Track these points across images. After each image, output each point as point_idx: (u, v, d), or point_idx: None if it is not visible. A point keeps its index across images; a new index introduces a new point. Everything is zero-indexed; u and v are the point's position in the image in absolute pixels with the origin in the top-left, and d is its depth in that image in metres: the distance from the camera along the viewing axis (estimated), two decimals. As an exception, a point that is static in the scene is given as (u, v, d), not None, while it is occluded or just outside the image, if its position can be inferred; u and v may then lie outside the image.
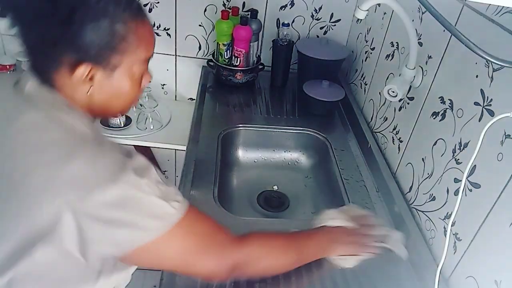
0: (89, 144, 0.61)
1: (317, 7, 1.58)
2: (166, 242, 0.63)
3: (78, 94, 0.65)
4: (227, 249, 0.71)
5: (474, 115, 0.80)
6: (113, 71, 0.65)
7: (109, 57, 0.64)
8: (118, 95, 0.69)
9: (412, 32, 0.96)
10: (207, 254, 0.69)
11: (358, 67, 1.51)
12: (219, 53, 1.51)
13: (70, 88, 0.64)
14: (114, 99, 0.70)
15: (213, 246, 0.70)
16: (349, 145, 1.29)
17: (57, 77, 0.64)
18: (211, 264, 0.70)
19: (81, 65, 0.62)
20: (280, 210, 1.18)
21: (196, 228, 0.68)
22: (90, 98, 0.67)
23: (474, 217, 0.75)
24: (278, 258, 0.79)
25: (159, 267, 0.71)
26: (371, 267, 0.87)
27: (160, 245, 0.63)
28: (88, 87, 0.65)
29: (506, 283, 0.67)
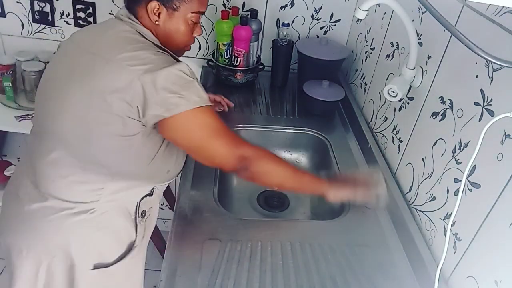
0: (156, 47, 0.91)
1: (317, 7, 1.58)
2: (197, 115, 0.85)
3: (149, 23, 0.92)
4: (238, 143, 0.90)
5: (474, 115, 0.80)
6: (173, 12, 0.92)
7: (173, 1, 0.90)
8: (175, 32, 0.95)
9: (412, 32, 0.96)
10: (221, 139, 0.88)
11: (358, 67, 1.51)
12: (219, 53, 1.51)
13: (145, 18, 0.92)
14: (173, 35, 0.95)
15: (227, 136, 0.89)
16: (349, 145, 1.29)
17: (139, 9, 0.92)
18: (223, 150, 0.88)
19: (153, 2, 0.89)
20: (280, 210, 1.18)
21: (218, 120, 0.88)
22: (156, 28, 0.93)
23: (474, 217, 0.75)
24: (279, 166, 0.94)
25: (183, 139, 0.89)
26: (371, 266, 0.88)
27: (192, 117, 0.84)
28: (156, 19, 0.91)
29: (506, 283, 0.67)
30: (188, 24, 0.95)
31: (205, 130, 0.87)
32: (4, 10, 1.57)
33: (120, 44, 0.87)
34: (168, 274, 0.81)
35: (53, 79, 0.91)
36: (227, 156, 0.89)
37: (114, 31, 0.90)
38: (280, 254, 0.88)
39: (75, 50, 0.91)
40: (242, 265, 0.85)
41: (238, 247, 0.89)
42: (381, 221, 1.01)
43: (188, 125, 0.85)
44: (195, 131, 0.87)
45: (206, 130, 0.87)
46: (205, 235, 0.91)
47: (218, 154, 0.89)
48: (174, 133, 0.87)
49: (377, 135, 1.26)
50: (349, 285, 0.83)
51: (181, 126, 0.85)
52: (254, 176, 0.92)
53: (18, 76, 1.61)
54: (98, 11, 1.57)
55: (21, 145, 1.91)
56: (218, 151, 0.89)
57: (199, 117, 0.85)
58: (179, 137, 0.88)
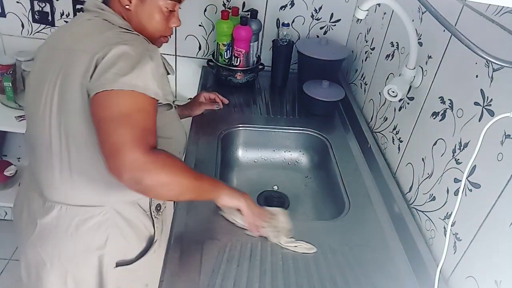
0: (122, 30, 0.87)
1: (317, 7, 1.58)
2: (120, 96, 0.76)
3: (120, 9, 0.90)
4: (142, 146, 0.74)
5: (474, 115, 0.80)
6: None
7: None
8: (148, 20, 0.91)
9: (412, 32, 0.96)
10: (132, 130, 0.75)
11: (358, 67, 1.51)
12: (219, 53, 1.51)
13: (116, 3, 0.90)
14: (145, 23, 0.92)
15: (137, 134, 0.75)
16: (349, 145, 1.29)
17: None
18: (125, 144, 0.73)
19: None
20: (280, 210, 1.18)
21: (143, 114, 0.78)
22: (128, 14, 0.90)
23: (474, 217, 0.75)
24: (177, 175, 0.79)
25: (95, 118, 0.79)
26: (371, 266, 0.88)
27: (114, 96, 0.76)
28: (127, 3, 0.89)
29: (506, 283, 0.67)
30: (162, 12, 0.92)
31: (119, 113, 0.75)
32: (4, 10, 1.57)
33: (84, 34, 0.85)
34: (168, 274, 0.81)
35: (32, 87, 0.89)
36: (124, 151, 0.73)
37: (79, 23, 0.89)
38: (280, 254, 0.88)
39: (47, 51, 0.89)
40: (242, 265, 0.85)
41: (238, 247, 0.89)
42: (381, 221, 1.01)
43: (109, 101, 0.76)
44: (111, 108, 0.76)
45: (121, 114, 0.75)
46: (205, 235, 0.91)
47: (115, 145, 0.73)
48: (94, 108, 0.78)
49: (377, 135, 1.26)
50: (349, 285, 0.83)
51: (103, 102, 0.77)
52: (149, 186, 0.75)
53: (18, 76, 1.61)
54: (98, 11, 1.57)
55: (21, 145, 1.91)
56: (118, 142, 0.73)
57: (125, 99, 0.76)
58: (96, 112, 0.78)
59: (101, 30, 0.85)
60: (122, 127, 0.74)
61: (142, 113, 0.78)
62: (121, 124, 0.74)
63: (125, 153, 0.73)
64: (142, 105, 0.78)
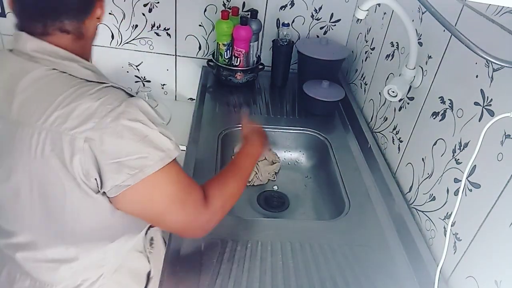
0: (93, 84, 0.67)
1: (317, 7, 1.58)
2: (162, 178, 0.68)
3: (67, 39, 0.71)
4: (198, 209, 0.74)
5: (474, 115, 0.80)
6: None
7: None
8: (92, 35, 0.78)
9: (412, 32, 0.96)
10: (184, 206, 0.72)
11: (358, 67, 1.51)
12: (219, 53, 1.51)
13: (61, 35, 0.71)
14: (90, 41, 0.78)
15: (189, 202, 0.73)
16: (349, 145, 1.29)
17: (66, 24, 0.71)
18: (185, 220, 0.74)
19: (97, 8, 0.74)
20: (280, 210, 1.18)
21: (182, 176, 0.73)
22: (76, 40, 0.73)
23: (474, 217, 0.75)
24: (234, 195, 0.84)
25: (144, 210, 0.71)
26: (371, 266, 0.88)
27: (157, 180, 0.67)
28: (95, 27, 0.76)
29: (506, 283, 0.67)
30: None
31: (168, 195, 0.70)
32: (4, 10, 1.56)
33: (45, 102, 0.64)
34: (168, 274, 0.81)
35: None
36: (188, 226, 0.75)
37: (29, 83, 0.66)
38: (280, 254, 0.88)
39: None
40: (242, 265, 0.85)
41: (238, 247, 0.89)
42: (381, 221, 1.01)
43: (145, 192, 0.68)
44: (152, 197, 0.69)
45: (170, 196, 0.70)
46: (205, 235, 0.91)
47: (179, 224, 0.74)
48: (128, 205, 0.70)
49: (377, 135, 1.26)
50: (349, 285, 0.83)
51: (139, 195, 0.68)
52: (220, 217, 0.80)
53: (18, 76, 1.61)
54: (98, 11, 1.57)
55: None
56: (179, 221, 0.74)
57: (164, 180, 0.69)
58: (136, 208, 0.71)
59: (69, 95, 0.64)
60: (177, 208, 0.72)
61: (180, 179, 0.72)
62: (173, 206, 0.71)
63: (194, 225, 0.75)
64: (175, 172, 0.71)
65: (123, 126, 0.63)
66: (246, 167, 0.92)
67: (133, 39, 1.63)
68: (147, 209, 0.71)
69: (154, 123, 0.67)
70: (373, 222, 1.00)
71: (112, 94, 0.66)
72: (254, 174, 1.25)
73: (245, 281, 0.81)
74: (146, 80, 1.74)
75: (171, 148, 0.69)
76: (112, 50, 1.66)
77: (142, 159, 0.65)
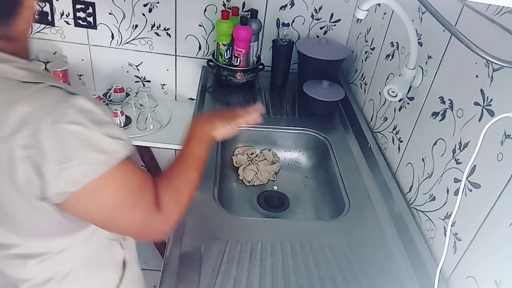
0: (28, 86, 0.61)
1: (317, 7, 1.58)
2: (107, 182, 0.63)
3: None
4: (149, 214, 0.70)
5: (474, 115, 0.80)
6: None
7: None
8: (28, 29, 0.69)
9: (412, 32, 0.96)
10: (133, 212, 0.68)
11: (358, 67, 1.51)
12: (219, 53, 1.51)
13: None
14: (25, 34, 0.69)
15: (138, 207, 0.69)
16: (349, 145, 1.29)
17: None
18: (135, 225, 0.70)
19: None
20: (280, 210, 1.18)
21: (133, 177, 0.68)
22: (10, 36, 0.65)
23: (474, 217, 0.75)
24: (188, 188, 0.78)
25: (91, 215, 0.68)
26: (371, 266, 0.88)
27: (101, 185, 0.63)
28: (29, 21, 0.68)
29: (506, 283, 0.67)
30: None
31: (118, 198, 0.66)
32: (4, 10, 1.56)
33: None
34: (168, 274, 0.81)
35: None
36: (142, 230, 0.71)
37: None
38: (280, 254, 0.88)
39: None
40: (242, 265, 0.85)
41: (238, 247, 0.89)
42: (381, 221, 1.01)
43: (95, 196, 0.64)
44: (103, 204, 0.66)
45: (120, 199, 0.66)
46: (205, 235, 0.91)
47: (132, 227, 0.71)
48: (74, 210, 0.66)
49: (377, 135, 1.26)
50: (349, 285, 0.83)
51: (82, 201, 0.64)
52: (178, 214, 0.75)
53: (18, 76, 1.61)
54: (98, 11, 1.57)
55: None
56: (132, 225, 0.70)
57: (111, 183, 0.65)
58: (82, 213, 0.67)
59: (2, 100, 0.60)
60: (125, 215, 0.68)
61: (128, 183, 0.67)
62: (120, 212, 0.67)
63: (147, 230, 0.71)
64: (123, 175, 0.66)
65: (62, 130, 0.59)
66: (194, 153, 0.84)
67: (133, 39, 1.63)
68: (94, 214, 0.67)
69: (97, 123, 0.62)
70: (373, 222, 1.00)
71: (49, 96, 0.61)
72: (254, 174, 1.25)
73: (245, 281, 0.81)
74: (146, 80, 1.74)
75: (117, 149, 0.64)
76: (112, 50, 1.66)
77: (84, 165, 0.61)
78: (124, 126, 1.54)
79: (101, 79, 1.74)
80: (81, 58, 1.68)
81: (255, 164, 1.27)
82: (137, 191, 0.68)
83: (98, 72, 1.73)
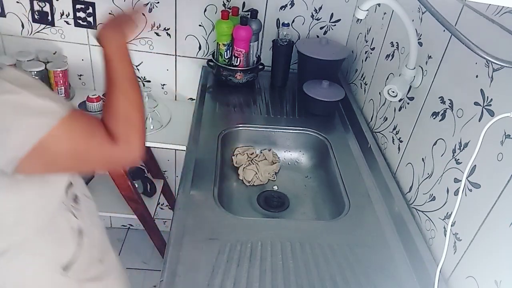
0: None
1: (317, 7, 1.58)
2: (53, 139, 0.64)
3: None
4: (106, 149, 0.72)
5: (474, 115, 0.80)
6: None
7: None
8: None
9: (412, 32, 0.96)
10: (89, 155, 0.71)
11: (358, 67, 1.51)
12: (219, 53, 1.51)
13: None
14: None
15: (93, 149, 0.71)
16: (349, 145, 1.29)
17: None
18: (100, 159, 0.72)
19: None
20: (280, 210, 1.18)
21: (77, 126, 0.69)
22: None
23: (474, 217, 0.76)
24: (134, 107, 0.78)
25: (53, 168, 0.70)
26: (371, 266, 0.88)
27: (50, 142, 0.64)
28: None
29: (506, 283, 0.67)
30: None
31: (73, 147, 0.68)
32: (4, 10, 1.57)
33: None
34: (168, 274, 0.81)
35: None
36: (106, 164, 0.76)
37: None
38: (280, 254, 0.88)
39: None
40: (242, 265, 0.85)
41: (238, 247, 0.89)
42: (381, 221, 1.01)
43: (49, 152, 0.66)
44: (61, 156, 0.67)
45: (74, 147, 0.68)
46: (205, 235, 0.91)
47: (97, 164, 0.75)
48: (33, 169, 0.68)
49: (377, 135, 1.26)
50: (349, 285, 0.83)
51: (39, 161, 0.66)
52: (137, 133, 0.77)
53: (18, 76, 1.61)
54: (98, 11, 1.57)
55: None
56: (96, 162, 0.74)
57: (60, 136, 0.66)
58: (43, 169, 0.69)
59: None
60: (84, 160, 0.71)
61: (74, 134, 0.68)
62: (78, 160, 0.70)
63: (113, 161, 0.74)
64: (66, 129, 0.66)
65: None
66: (121, 72, 0.81)
67: (133, 39, 1.63)
68: (54, 169, 0.70)
69: (27, 86, 0.63)
70: (373, 222, 1.00)
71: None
72: (254, 174, 1.25)
73: (245, 281, 0.81)
74: (146, 80, 1.74)
75: (54, 109, 0.65)
76: (112, 50, 1.66)
77: (25, 129, 0.62)
78: (124, 126, 1.53)
79: (101, 79, 1.74)
80: (81, 58, 1.68)
81: (255, 164, 1.27)
82: (86, 135, 0.70)
83: (98, 72, 1.73)
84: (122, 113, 0.76)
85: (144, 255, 2.11)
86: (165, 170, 2.00)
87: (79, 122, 0.69)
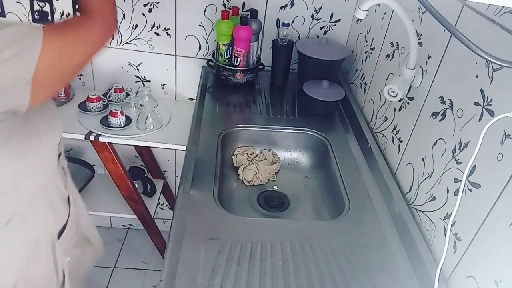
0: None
1: (317, 7, 1.58)
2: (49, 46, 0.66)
3: None
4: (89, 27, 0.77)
5: (474, 115, 0.80)
6: None
7: None
8: None
9: (412, 32, 0.96)
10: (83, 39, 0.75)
11: (358, 67, 1.51)
12: (219, 53, 1.51)
13: None
14: None
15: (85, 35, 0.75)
16: (349, 145, 1.29)
17: None
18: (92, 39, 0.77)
19: None
20: (280, 210, 1.18)
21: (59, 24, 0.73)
22: None
23: (474, 217, 0.76)
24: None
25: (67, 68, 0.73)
26: (371, 266, 0.88)
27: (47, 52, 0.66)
28: None
29: (506, 283, 0.67)
30: None
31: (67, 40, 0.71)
32: (4, 10, 1.56)
33: None
34: (168, 274, 0.81)
35: None
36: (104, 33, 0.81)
37: None
38: (280, 254, 0.88)
39: None
40: (242, 265, 0.85)
41: (238, 247, 0.89)
42: (381, 221, 1.01)
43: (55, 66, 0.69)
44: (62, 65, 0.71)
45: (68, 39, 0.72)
46: (205, 235, 0.91)
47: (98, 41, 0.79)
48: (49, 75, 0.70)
49: (377, 135, 1.26)
50: (349, 285, 0.83)
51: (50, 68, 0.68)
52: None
53: (18, 76, 1.61)
54: (98, 11, 1.57)
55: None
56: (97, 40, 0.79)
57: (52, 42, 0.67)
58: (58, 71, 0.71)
59: None
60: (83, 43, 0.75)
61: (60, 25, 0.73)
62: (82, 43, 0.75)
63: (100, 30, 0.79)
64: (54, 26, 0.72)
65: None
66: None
67: (133, 39, 1.63)
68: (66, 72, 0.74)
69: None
70: (373, 222, 1.00)
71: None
72: (254, 174, 1.25)
73: (245, 281, 0.81)
74: (146, 80, 1.74)
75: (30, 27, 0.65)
76: (112, 50, 1.66)
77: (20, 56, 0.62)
78: (124, 126, 1.54)
79: (101, 79, 1.75)
80: (81, 58, 1.68)
81: (255, 164, 1.27)
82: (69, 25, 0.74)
83: (98, 72, 1.73)
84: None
85: (144, 255, 2.11)
86: (165, 170, 2.00)
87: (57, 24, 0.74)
